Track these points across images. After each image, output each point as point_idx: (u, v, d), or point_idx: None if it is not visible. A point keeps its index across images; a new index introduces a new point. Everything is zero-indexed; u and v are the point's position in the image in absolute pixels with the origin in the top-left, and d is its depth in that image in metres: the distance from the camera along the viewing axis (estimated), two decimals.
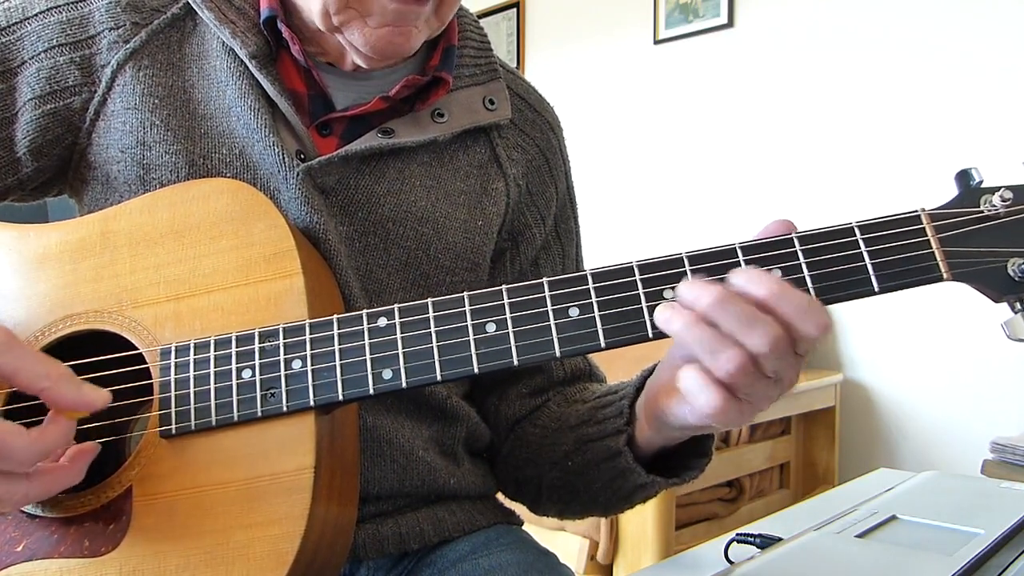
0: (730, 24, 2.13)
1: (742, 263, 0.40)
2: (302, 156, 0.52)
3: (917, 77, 1.82)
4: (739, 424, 0.40)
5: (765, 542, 0.65)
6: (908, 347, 1.83)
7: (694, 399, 0.38)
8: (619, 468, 0.50)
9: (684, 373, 0.38)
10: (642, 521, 1.39)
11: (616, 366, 0.65)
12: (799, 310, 0.37)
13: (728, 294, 0.37)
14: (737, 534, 0.68)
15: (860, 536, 0.63)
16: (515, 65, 2.61)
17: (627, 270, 0.40)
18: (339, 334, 0.42)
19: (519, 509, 0.64)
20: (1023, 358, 1.64)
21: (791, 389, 0.40)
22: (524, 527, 0.63)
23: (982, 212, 0.39)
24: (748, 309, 0.37)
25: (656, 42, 2.27)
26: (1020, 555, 0.59)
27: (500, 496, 0.63)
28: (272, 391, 0.42)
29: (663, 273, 0.40)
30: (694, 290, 0.38)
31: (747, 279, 0.38)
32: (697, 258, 0.40)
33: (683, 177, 2.22)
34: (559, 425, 0.56)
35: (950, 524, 0.65)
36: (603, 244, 2.09)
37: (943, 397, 1.79)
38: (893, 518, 0.68)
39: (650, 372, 0.49)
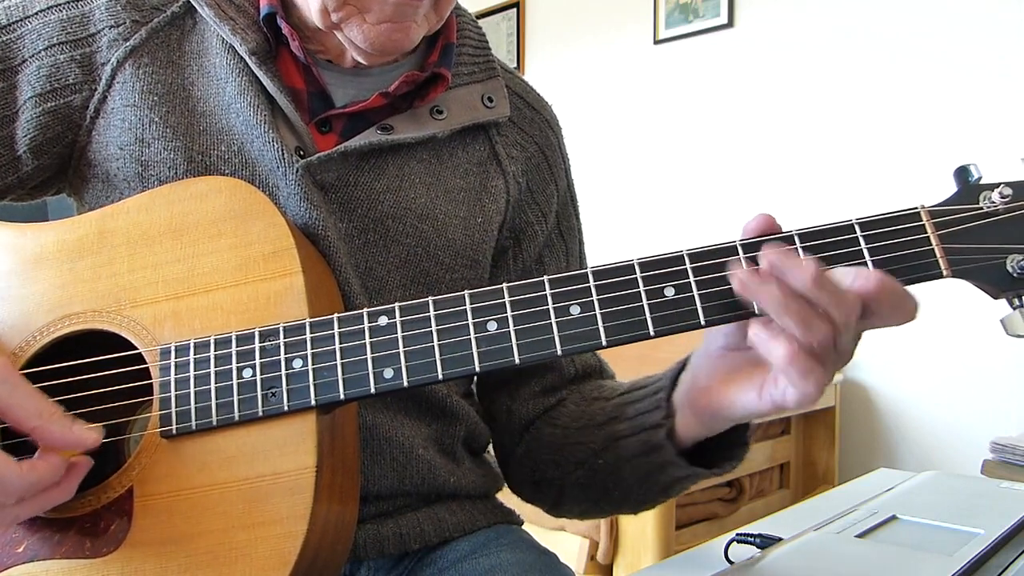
0: (730, 24, 2.13)
1: (743, 261, 0.40)
2: (301, 152, 0.52)
3: (916, 75, 1.82)
4: (812, 402, 0.40)
5: (765, 542, 0.65)
6: (908, 347, 1.83)
7: (797, 379, 0.38)
8: (657, 462, 0.49)
9: (779, 352, 0.38)
10: (642, 521, 1.39)
11: (617, 366, 0.65)
12: (897, 296, 0.37)
13: (822, 273, 0.37)
14: (737, 534, 0.67)
15: (860, 536, 0.63)
16: (515, 65, 2.61)
17: (628, 268, 0.40)
18: (340, 333, 0.42)
19: (519, 509, 0.63)
20: (1023, 358, 1.64)
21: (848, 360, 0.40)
22: (524, 527, 0.63)
23: (981, 208, 0.39)
24: (838, 290, 0.37)
25: (656, 42, 2.27)
26: (1020, 555, 0.59)
27: (500, 495, 0.63)
28: (273, 391, 0.42)
29: (664, 271, 0.40)
30: (788, 262, 0.38)
31: (850, 274, 0.38)
32: (698, 256, 0.40)
33: (683, 177, 2.23)
34: (583, 424, 0.55)
35: (950, 524, 0.65)
36: (604, 243, 2.09)
37: (943, 397, 1.79)
38: (893, 518, 0.68)
39: (682, 366, 0.49)
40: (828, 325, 0.37)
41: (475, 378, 0.62)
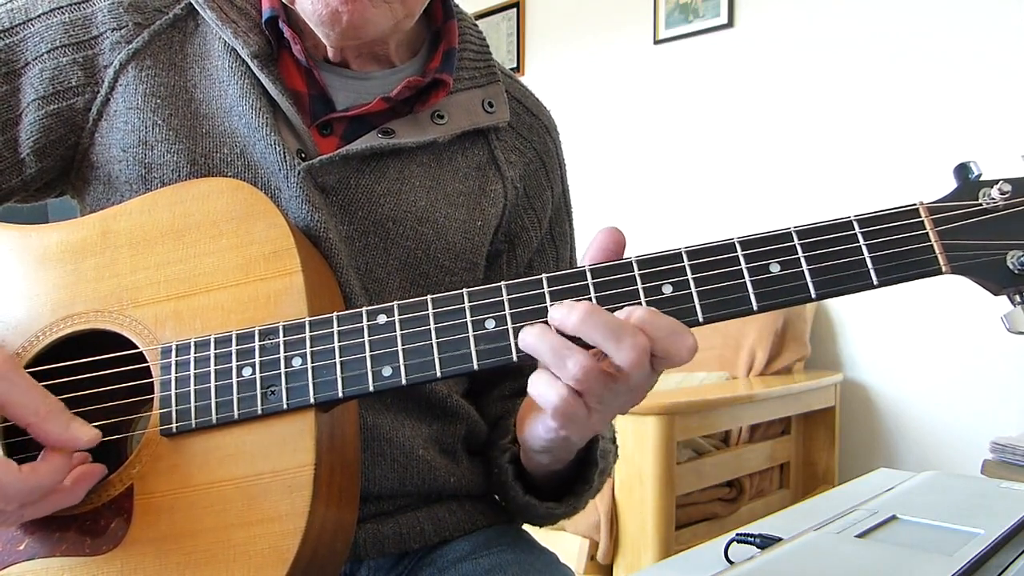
0: (730, 24, 2.13)
1: (740, 258, 0.40)
2: (303, 155, 0.52)
3: (916, 74, 1.83)
4: (589, 430, 0.41)
5: (765, 542, 0.65)
6: (908, 347, 1.83)
7: (542, 399, 0.39)
8: (507, 484, 0.52)
9: (532, 377, 0.39)
10: (642, 521, 1.39)
11: None
12: (671, 333, 0.38)
13: (594, 309, 0.38)
14: (737, 534, 0.67)
15: (860, 536, 0.63)
16: (515, 65, 2.61)
17: (626, 265, 0.41)
18: (339, 331, 0.42)
19: None
20: (1023, 357, 1.64)
21: (643, 398, 0.41)
22: (524, 527, 0.63)
23: (981, 205, 0.39)
24: (615, 321, 0.38)
25: (656, 42, 2.28)
26: (1020, 555, 0.58)
27: None
28: (272, 389, 0.42)
29: (661, 268, 0.40)
30: (562, 309, 0.39)
31: (625, 310, 0.39)
32: (695, 253, 0.40)
33: (683, 176, 2.23)
34: (504, 432, 0.57)
35: (950, 524, 0.65)
36: None
37: (943, 397, 1.79)
38: (893, 518, 0.68)
39: None
40: (584, 357, 0.37)
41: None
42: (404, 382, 0.41)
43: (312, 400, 0.42)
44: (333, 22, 0.50)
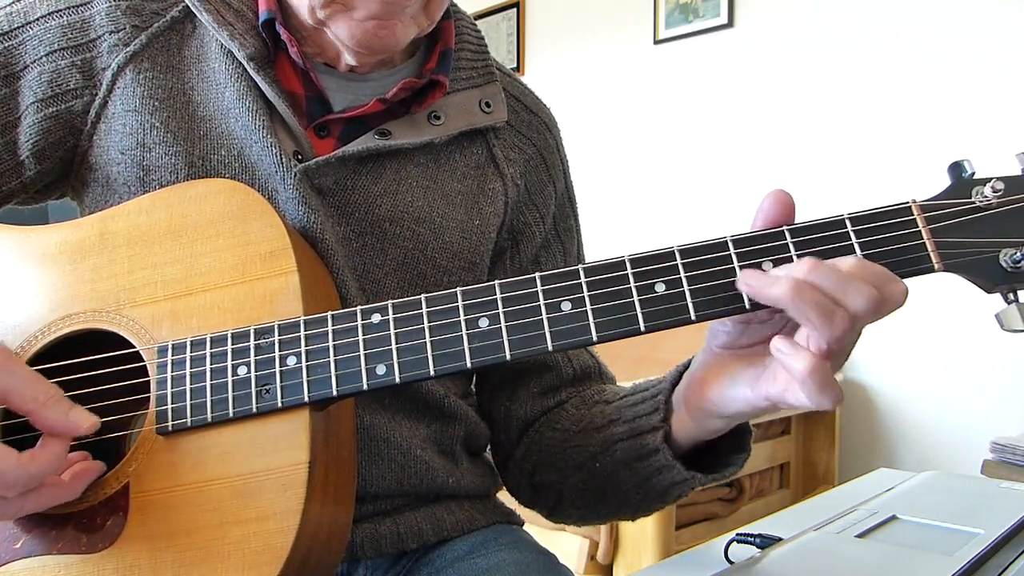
0: (730, 24, 2.13)
1: (733, 256, 0.40)
2: (299, 157, 0.53)
3: (913, 74, 1.82)
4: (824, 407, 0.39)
5: (765, 542, 0.65)
6: (908, 347, 1.83)
7: (815, 392, 0.37)
8: (655, 466, 0.49)
9: (800, 365, 0.37)
10: (642, 521, 1.39)
11: (615, 366, 0.65)
12: (886, 280, 0.37)
13: (819, 261, 0.37)
14: (737, 534, 0.67)
15: (860, 536, 0.63)
16: (515, 65, 2.61)
17: (619, 264, 0.41)
18: (333, 330, 0.42)
19: (519, 509, 0.63)
20: (1023, 357, 1.63)
21: (846, 360, 0.40)
22: (524, 527, 0.63)
23: (973, 203, 0.39)
24: (843, 274, 0.37)
25: (656, 42, 2.28)
26: (1020, 555, 0.58)
27: (500, 496, 0.63)
28: (267, 387, 0.42)
29: (654, 267, 0.40)
30: (786, 268, 0.38)
31: (832, 261, 0.37)
32: (688, 251, 0.40)
33: (682, 176, 2.23)
34: (582, 427, 0.55)
35: (950, 524, 0.65)
36: (603, 243, 2.09)
37: (943, 397, 1.78)
38: (893, 518, 0.68)
39: (685, 368, 0.49)
40: (847, 314, 0.36)
41: (474, 377, 0.62)
42: (398, 380, 0.41)
43: (307, 398, 0.42)
44: (369, 45, 0.51)
